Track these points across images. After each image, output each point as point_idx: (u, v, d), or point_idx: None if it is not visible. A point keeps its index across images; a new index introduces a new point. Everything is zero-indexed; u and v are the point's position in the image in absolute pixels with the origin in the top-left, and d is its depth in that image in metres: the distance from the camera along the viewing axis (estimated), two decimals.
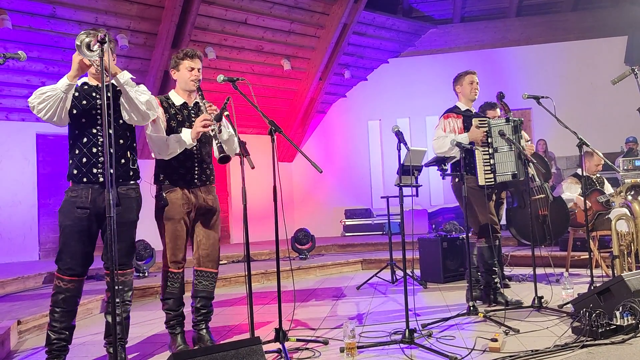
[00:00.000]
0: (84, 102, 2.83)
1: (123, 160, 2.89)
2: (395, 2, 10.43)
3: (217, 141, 3.04)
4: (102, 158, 2.82)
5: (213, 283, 3.29)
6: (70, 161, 2.86)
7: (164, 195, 3.14)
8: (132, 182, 2.96)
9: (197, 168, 3.24)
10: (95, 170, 2.82)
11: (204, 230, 3.28)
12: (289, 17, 8.61)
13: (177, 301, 3.20)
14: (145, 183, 3.16)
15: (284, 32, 8.78)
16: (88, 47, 2.40)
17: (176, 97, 3.29)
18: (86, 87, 2.87)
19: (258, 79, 9.06)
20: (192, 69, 3.22)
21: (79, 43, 2.41)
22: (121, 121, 2.90)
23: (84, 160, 2.82)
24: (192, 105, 3.30)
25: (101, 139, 2.83)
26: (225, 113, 3.14)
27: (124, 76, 2.75)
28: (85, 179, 2.81)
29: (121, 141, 2.90)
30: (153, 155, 3.17)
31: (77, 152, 2.84)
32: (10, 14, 6.57)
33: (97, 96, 2.86)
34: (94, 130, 2.83)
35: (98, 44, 2.31)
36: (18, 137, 7.71)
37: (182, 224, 3.17)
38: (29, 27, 6.86)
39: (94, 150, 2.83)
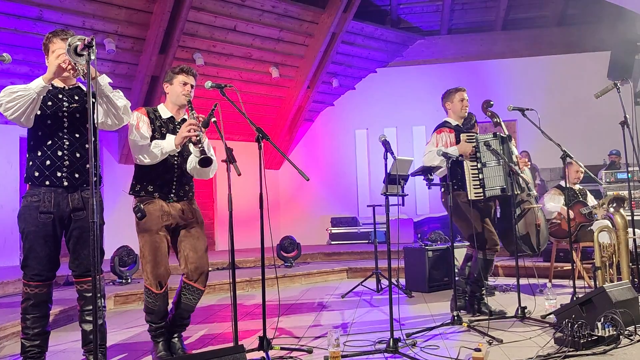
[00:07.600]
0: (50, 103, 2.75)
1: (88, 165, 2.81)
2: (384, 12, 10.53)
3: (199, 145, 2.97)
4: (67, 162, 2.75)
5: (198, 299, 3.23)
6: (30, 163, 2.76)
7: (142, 207, 3.06)
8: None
9: (175, 182, 3.18)
10: (59, 174, 2.74)
11: (190, 243, 3.19)
12: (278, 25, 8.63)
13: (159, 315, 3.13)
14: (124, 190, 3.11)
15: (273, 40, 8.80)
16: (75, 51, 2.38)
17: (164, 111, 3.25)
18: (51, 88, 2.77)
19: (246, 85, 9.05)
20: (186, 84, 3.19)
21: (68, 46, 2.39)
22: (88, 126, 2.84)
23: (48, 162, 2.73)
24: (179, 120, 3.26)
25: (67, 143, 2.76)
26: (213, 120, 3.12)
27: (103, 79, 2.72)
28: (47, 182, 2.73)
29: (87, 146, 2.81)
30: (136, 161, 3.11)
31: (39, 154, 2.74)
32: None
33: (64, 99, 2.80)
34: (60, 134, 2.76)
35: (86, 47, 2.29)
36: (1, 140, 7.58)
37: (161, 236, 3.09)
38: (15, 29, 6.77)
39: (59, 153, 2.75)
